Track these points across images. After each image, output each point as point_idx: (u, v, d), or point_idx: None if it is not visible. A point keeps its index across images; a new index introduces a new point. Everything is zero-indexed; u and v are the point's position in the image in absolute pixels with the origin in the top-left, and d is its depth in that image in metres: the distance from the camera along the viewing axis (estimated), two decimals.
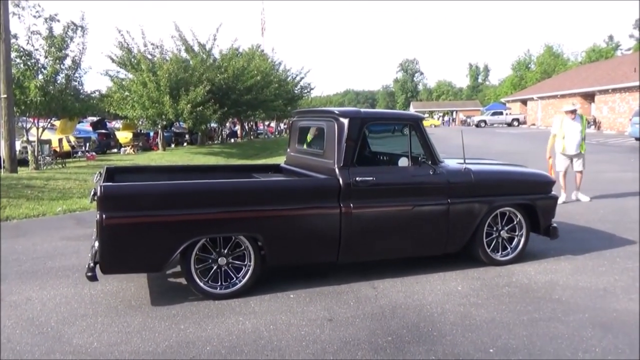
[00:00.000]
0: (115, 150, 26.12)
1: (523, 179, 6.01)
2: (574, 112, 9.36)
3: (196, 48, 28.07)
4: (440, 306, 4.55)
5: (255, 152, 28.55)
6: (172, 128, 31.23)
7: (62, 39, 15.45)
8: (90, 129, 26.28)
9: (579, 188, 9.62)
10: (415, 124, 5.36)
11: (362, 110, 5.40)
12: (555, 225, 5.92)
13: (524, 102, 57.14)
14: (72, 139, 21.25)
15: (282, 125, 59.52)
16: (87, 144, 22.14)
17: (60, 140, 19.56)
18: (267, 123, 53.02)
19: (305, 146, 6.17)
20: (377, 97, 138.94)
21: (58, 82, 15.94)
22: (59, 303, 4.71)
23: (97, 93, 18.46)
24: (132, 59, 23.99)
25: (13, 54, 14.42)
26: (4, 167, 13.93)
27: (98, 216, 4.29)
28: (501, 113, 55.97)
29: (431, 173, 5.32)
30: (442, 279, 5.28)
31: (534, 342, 3.84)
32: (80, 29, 15.80)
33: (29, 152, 15.64)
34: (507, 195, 5.66)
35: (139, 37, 35.27)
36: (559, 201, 9.17)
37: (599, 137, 30.43)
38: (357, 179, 5.01)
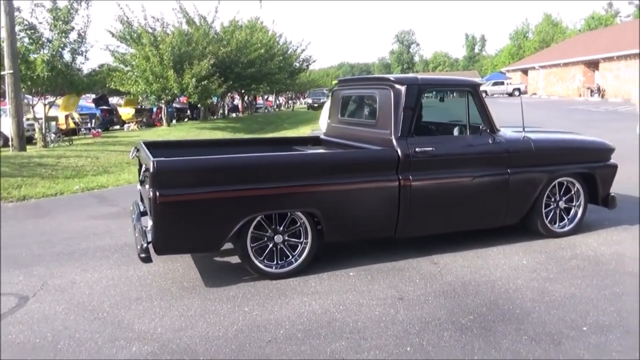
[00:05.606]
0: (117, 126, 25.64)
1: (583, 146, 5.72)
2: None
3: (197, 21, 27.40)
4: (512, 282, 4.32)
5: (260, 126, 28.12)
6: (173, 103, 30.69)
7: (68, 11, 14.91)
8: (92, 105, 25.75)
9: None
10: (473, 90, 5.06)
11: (419, 76, 5.07)
12: (613, 194, 5.68)
13: (525, 71, 56.51)
14: (75, 115, 20.80)
15: (280, 99, 58.73)
16: (93, 121, 21.69)
17: (66, 117, 19.14)
18: (265, 97, 52.31)
19: (349, 116, 5.86)
20: (372, 70, 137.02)
21: (64, 56, 15.42)
22: (106, 286, 4.46)
23: (104, 67, 17.92)
24: (133, 33, 23.38)
25: (17, 28, 13.90)
26: (12, 145, 13.56)
27: (151, 194, 4.00)
28: (502, 83, 55.25)
29: (490, 142, 5.04)
30: (502, 252, 5.04)
31: (626, 318, 3.62)
32: (84, 1, 15.24)
33: (36, 129, 15.22)
34: (568, 164, 5.40)
35: (139, 10, 34.52)
36: None
37: (606, 105, 30.12)
38: (416, 149, 4.73)
